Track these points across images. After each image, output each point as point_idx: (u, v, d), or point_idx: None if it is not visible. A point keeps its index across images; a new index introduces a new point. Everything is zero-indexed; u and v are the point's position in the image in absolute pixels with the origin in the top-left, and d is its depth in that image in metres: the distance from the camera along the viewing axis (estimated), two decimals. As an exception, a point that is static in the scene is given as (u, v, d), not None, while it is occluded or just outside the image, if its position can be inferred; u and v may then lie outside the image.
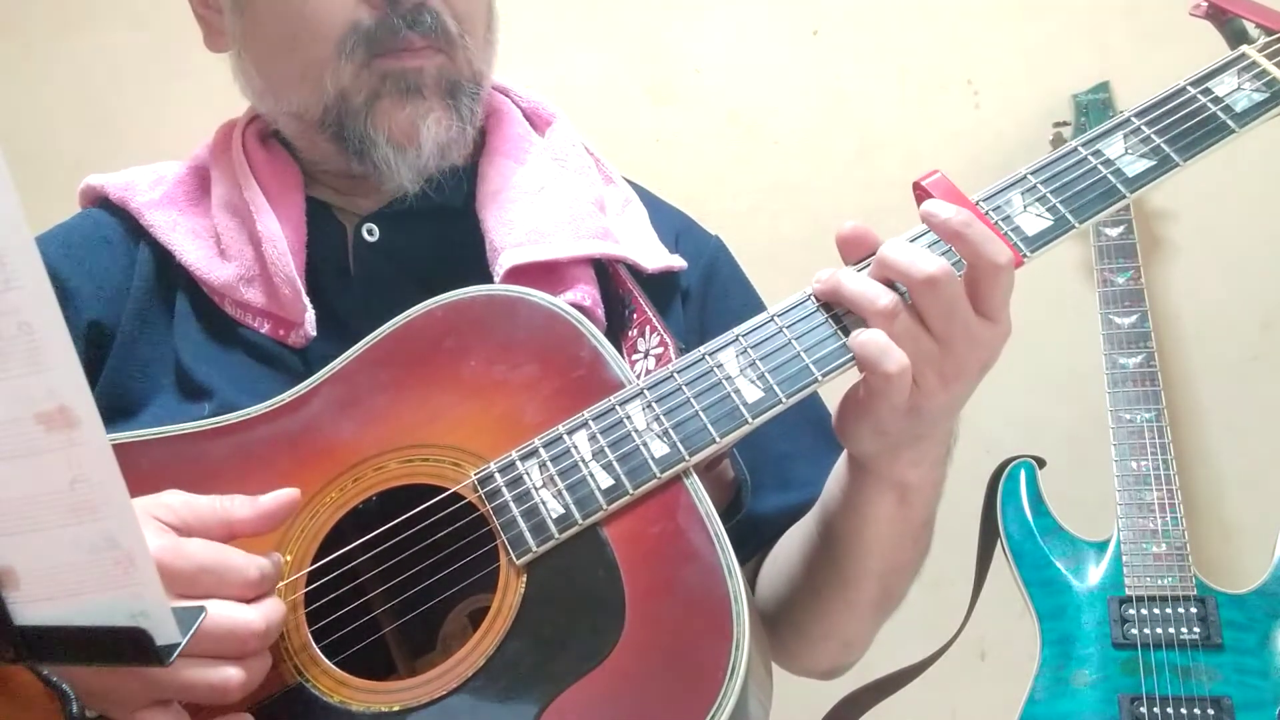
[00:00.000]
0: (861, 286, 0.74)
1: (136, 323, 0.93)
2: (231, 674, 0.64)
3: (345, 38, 0.88)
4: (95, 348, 0.92)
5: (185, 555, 0.66)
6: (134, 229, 0.97)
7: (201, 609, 0.60)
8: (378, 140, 0.91)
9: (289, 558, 0.76)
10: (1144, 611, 1.47)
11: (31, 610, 0.52)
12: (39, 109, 2.11)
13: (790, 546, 0.95)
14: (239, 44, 0.96)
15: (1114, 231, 1.63)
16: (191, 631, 0.56)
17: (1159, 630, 1.46)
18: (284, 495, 0.72)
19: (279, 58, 0.93)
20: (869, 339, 0.73)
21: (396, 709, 0.70)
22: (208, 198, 0.98)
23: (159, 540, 0.66)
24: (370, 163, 0.92)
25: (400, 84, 0.89)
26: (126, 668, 0.63)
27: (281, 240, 0.92)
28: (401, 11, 0.88)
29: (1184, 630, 1.45)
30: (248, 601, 0.67)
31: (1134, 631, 1.47)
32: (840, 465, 0.87)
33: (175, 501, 0.69)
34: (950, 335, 0.73)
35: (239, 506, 0.71)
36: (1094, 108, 1.72)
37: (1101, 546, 1.53)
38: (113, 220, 0.98)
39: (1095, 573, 1.52)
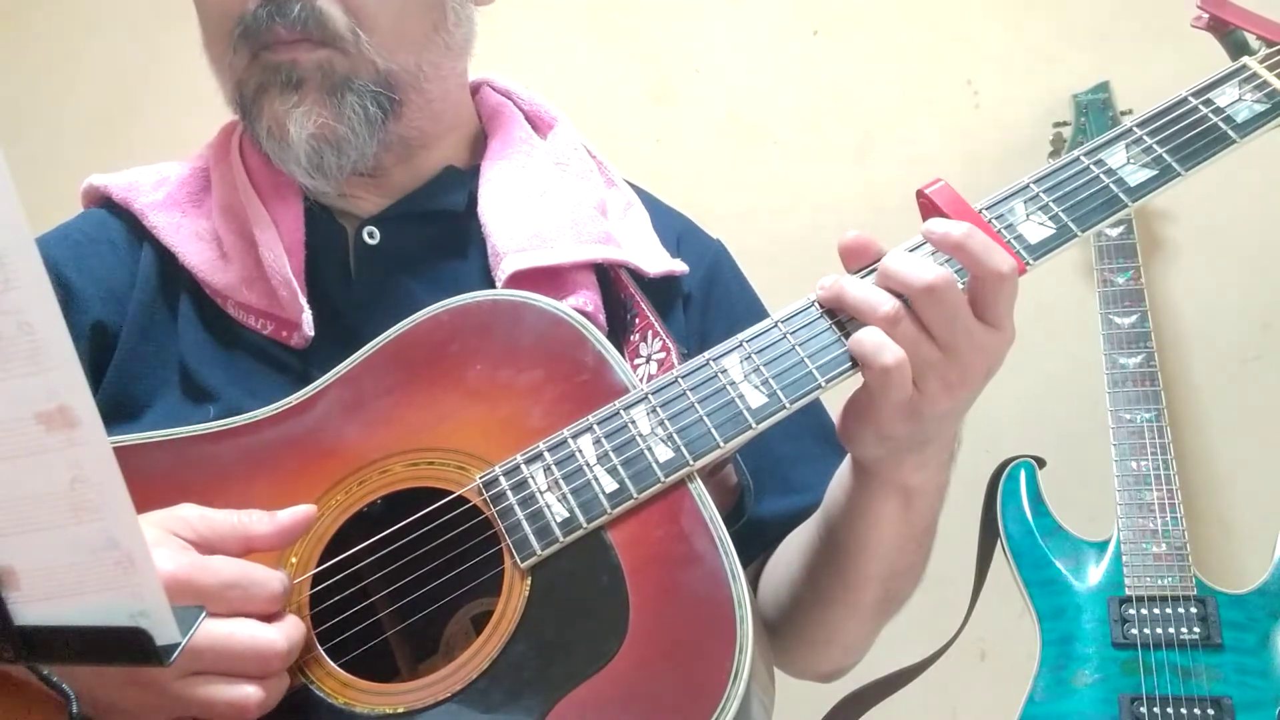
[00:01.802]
0: (864, 293, 0.74)
1: (141, 324, 0.93)
2: (251, 693, 0.65)
3: (232, 30, 0.89)
4: (99, 349, 0.92)
5: (211, 571, 0.66)
6: (137, 230, 0.97)
7: (201, 609, 0.60)
8: (260, 133, 0.91)
9: (295, 560, 0.76)
10: (1144, 611, 1.48)
11: (31, 610, 0.52)
12: (40, 109, 2.11)
13: (792, 550, 0.96)
14: None
15: (1114, 231, 1.63)
16: (192, 631, 0.56)
17: (1159, 630, 1.46)
18: (301, 511, 0.72)
19: (206, 52, 0.94)
20: (865, 335, 0.73)
21: (401, 711, 0.70)
22: (210, 198, 0.98)
23: (183, 558, 0.66)
24: (270, 156, 0.93)
25: (277, 77, 0.89)
26: (147, 685, 0.63)
27: (277, 242, 0.92)
28: (274, 3, 0.87)
29: (1184, 630, 1.46)
30: (270, 616, 0.67)
31: (1134, 631, 1.47)
32: (844, 469, 0.88)
33: (192, 516, 0.69)
34: (954, 342, 0.73)
35: (257, 522, 0.71)
36: (1094, 108, 1.72)
37: (1101, 546, 1.54)
38: (116, 221, 0.98)
39: (1095, 573, 1.52)
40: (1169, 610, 1.47)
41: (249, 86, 0.90)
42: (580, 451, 0.75)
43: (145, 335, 0.93)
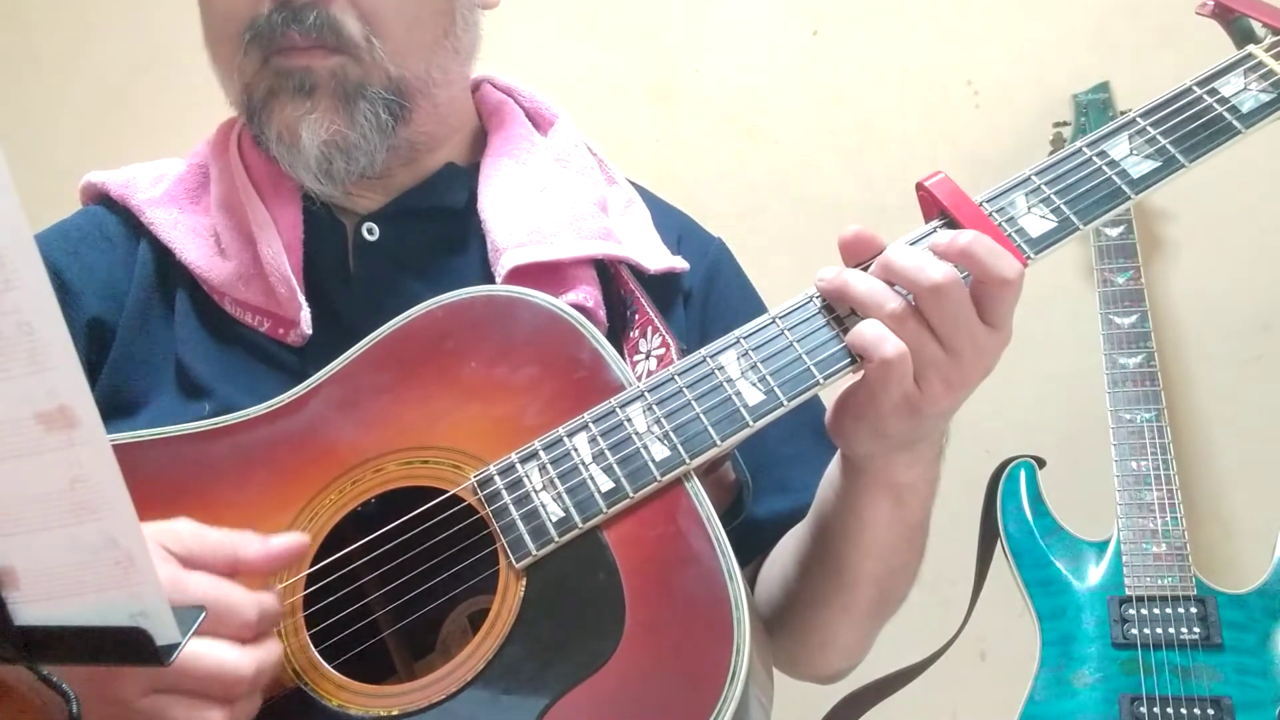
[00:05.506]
0: (870, 286, 0.73)
1: (137, 320, 0.93)
2: (214, 717, 0.63)
3: (243, 34, 0.88)
4: (96, 345, 0.91)
5: (183, 589, 0.64)
6: (135, 226, 0.97)
7: (201, 609, 0.59)
8: (270, 137, 0.91)
9: (288, 560, 0.75)
10: (1144, 611, 1.47)
11: (31, 610, 0.52)
12: (40, 108, 2.11)
13: (786, 553, 0.95)
14: None
15: (1114, 231, 1.63)
16: (191, 631, 0.56)
17: (1159, 630, 1.46)
18: (294, 540, 0.71)
19: (211, 52, 0.94)
20: (865, 326, 0.73)
21: (395, 713, 0.70)
22: (208, 195, 0.98)
23: (161, 569, 0.65)
24: (277, 160, 0.92)
25: (289, 82, 0.89)
26: (113, 701, 0.62)
27: (276, 239, 0.92)
28: (288, 9, 0.87)
29: (1184, 630, 1.45)
30: (247, 640, 0.66)
31: (1134, 631, 1.46)
32: (833, 469, 0.87)
33: (184, 530, 0.68)
34: (957, 343, 0.73)
35: (248, 544, 0.69)
36: (1094, 108, 1.72)
37: (1101, 546, 1.53)
38: (114, 218, 0.98)
39: (1095, 573, 1.52)
40: (1169, 610, 1.46)
41: (258, 90, 0.90)
42: (576, 450, 0.75)
43: (141, 332, 0.93)
